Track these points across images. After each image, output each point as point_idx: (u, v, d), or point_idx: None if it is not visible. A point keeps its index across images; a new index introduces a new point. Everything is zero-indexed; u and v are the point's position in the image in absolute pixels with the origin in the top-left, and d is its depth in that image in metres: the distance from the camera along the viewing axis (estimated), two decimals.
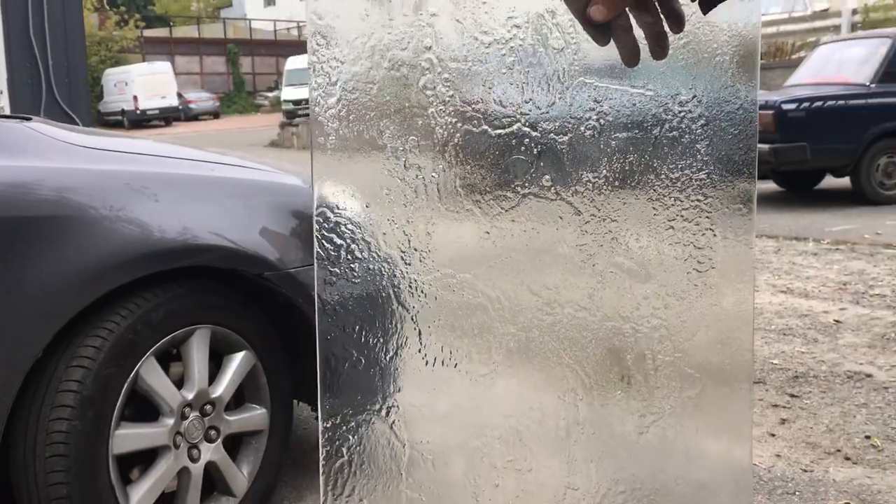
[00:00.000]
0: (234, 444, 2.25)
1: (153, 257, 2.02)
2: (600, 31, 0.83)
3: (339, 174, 0.86)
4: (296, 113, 25.21)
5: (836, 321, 4.31)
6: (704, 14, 0.87)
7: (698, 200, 1.00)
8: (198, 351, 2.11)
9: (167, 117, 33.72)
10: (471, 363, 0.93)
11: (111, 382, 1.92)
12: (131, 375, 1.96)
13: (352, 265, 0.87)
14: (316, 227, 0.86)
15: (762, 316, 4.51)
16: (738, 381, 1.07)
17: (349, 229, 0.87)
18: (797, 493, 2.50)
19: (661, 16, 0.86)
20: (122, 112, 32.70)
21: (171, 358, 2.12)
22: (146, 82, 33.24)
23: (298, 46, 42.41)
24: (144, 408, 2.04)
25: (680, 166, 0.99)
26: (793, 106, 8.24)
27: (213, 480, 2.19)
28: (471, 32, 0.90)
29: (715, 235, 1.01)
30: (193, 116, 36.16)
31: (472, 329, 0.93)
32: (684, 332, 1.03)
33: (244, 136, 24.46)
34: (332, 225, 0.87)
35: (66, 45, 8.34)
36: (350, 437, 0.89)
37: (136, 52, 38.62)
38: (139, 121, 31.68)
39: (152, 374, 2.01)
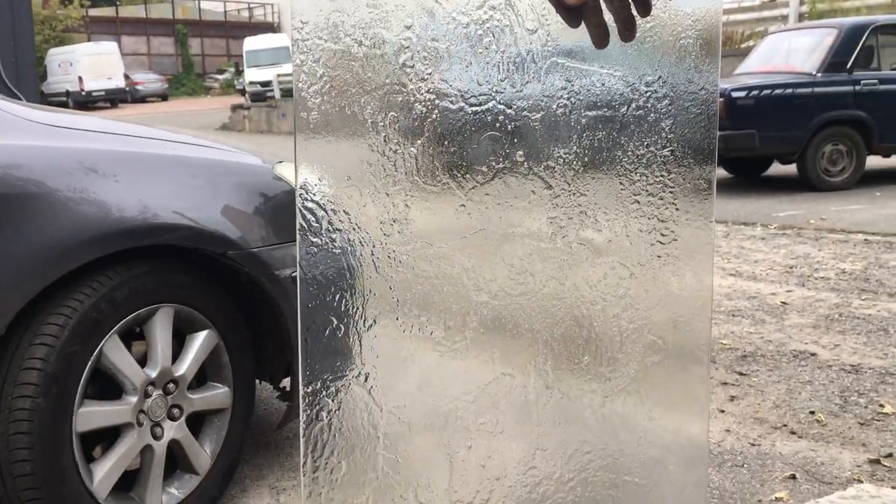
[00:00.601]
0: (197, 423, 2.26)
1: (115, 236, 2.01)
2: (572, 15, 0.87)
3: (321, 149, 0.89)
4: (263, 95, 24.88)
5: (783, 303, 4.45)
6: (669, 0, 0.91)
7: (662, 176, 1.05)
8: (161, 329, 2.12)
9: (113, 99, 33.06)
10: (446, 331, 0.97)
11: (75, 360, 1.91)
12: (95, 353, 1.96)
13: (332, 236, 0.90)
14: (298, 199, 0.89)
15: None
16: (697, 346, 1.13)
17: (330, 201, 0.90)
18: (745, 465, 2.60)
19: (629, 0, 0.90)
20: (67, 93, 31.93)
21: (134, 336, 2.12)
22: (92, 63, 32.51)
23: (250, 28, 41.85)
24: (108, 386, 2.04)
25: (645, 143, 1.04)
26: (742, 94, 8.42)
27: (177, 458, 2.20)
28: (449, 13, 0.93)
29: (678, 209, 1.07)
30: (141, 98, 35.51)
31: (448, 298, 0.97)
32: (648, 301, 1.08)
33: (194, 119, 24.10)
34: (313, 197, 0.90)
35: (13, 25, 8.15)
36: (329, 401, 0.92)
37: (80, 32, 37.70)
38: (84, 102, 30.96)
39: (116, 353, 2.01)
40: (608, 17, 0.90)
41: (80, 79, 32.22)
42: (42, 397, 1.86)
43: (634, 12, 0.90)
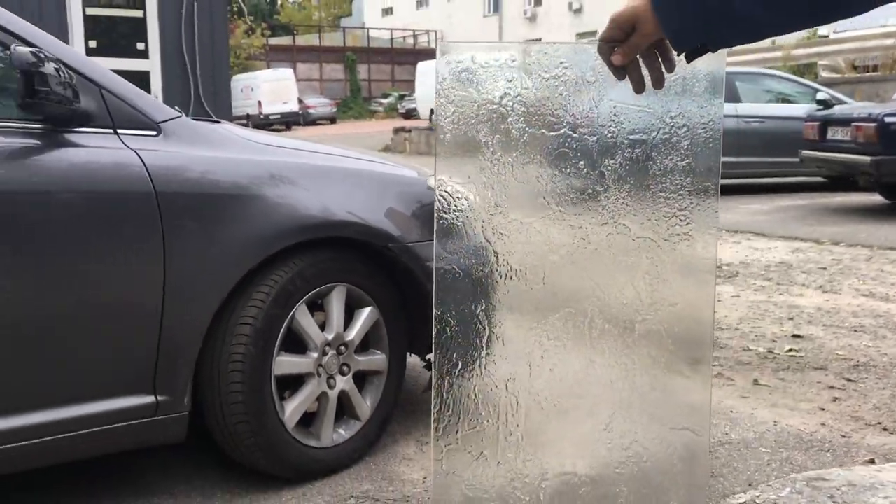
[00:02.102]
0: (361, 381, 2.85)
1: (305, 229, 2.63)
2: (619, 70, 1.36)
3: (450, 158, 1.42)
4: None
5: None
6: (688, 62, 1.38)
7: (681, 178, 1.50)
8: (336, 303, 2.72)
9: (288, 122, 35.25)
10: (530, 281, 1.46)
11: (275, 320, 2.54)
12: (289, 317, 2.58)
13: (456, 214, 1.42)
14: (437, 189, 1.42)
15: (838, 314, 4.83)
16: (704, 299, 1.56)
17: (456, 191, 1.42)
18: (831, 451, 2.90)
19: (660, 61, 1.38)
20: (247, 116, 34.33)
21: (316, 308, 2.73)
22: (270, 88, 34.91)
23: (414, 54, 43.55)
24: (296, 343, 2.66)
25: (670, 157, 1.49)
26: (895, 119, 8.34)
27: (344, 406, 2.79)
28: (537, 71, 1.43)
29: (692, 202, 1.51)
30: (312, 121, 37.71)
31: (533, 258, 1.46)
32: (670, 266, 1.53)
33: (359, 140, 25.48)
34: (445, 188, 1.42)
35: (213, 56, 9.35)
36: (455, 387, 1.43)
37: (261, 60, 40.63)
38: (262, 125, 33.19)
39: (304, 318, 2.63)
40: (645, 72, 1.38)
41: (260, 103, 34.65)
42: (252, 346, 2.49)
43: (663, 69, 1.38)
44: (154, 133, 2.43)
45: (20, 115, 2.23)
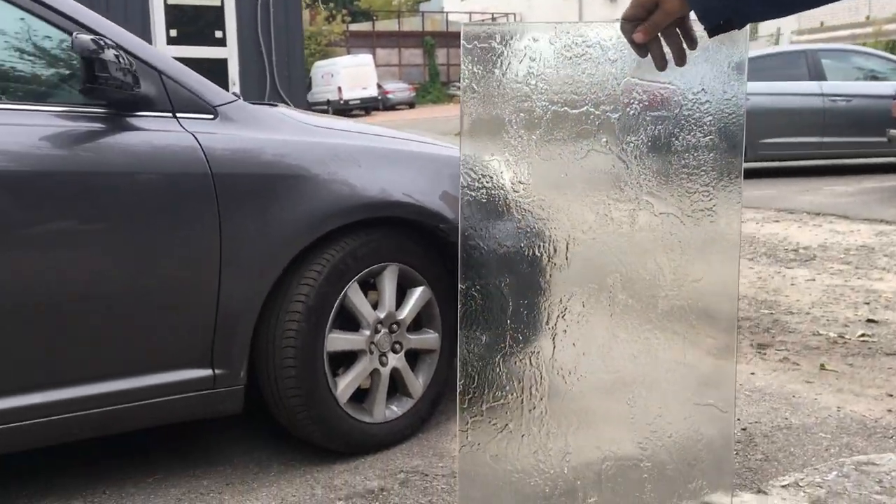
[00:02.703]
0: (413, 359, 2.90)
1: (359, 209, 2.68)
2: (641, 48, 1.36)
3: (476, 136, 1.44)
4: None
5: None
6: (710, 38, 1.37)
7: (705, 154, 1.49)
8: (389, 282, 2.77)
9: (367, 107, 35.65)
10: (553, 255, 1.48)
11: (327, 298, 2.61)
12: (341, 295, 2.64)
13: (481, 191, 1.45)
14: (462, 166, 1.45)
15: None
16: (728, 277, 1.55)
17: (481, 167, 1.45)
18: (893, 438, 2.82)
19: (682, 38, 1.37)
20: (328, 102, 34.89)
21: (368, 287, 2.80)
22: (350, 74, 35.33)
23: None
24: (349, 321, 2.72)
25: (693, 133, 1.48)
26: None
27: (397, 384, 2.85)
28: (559, 50, 1.44)
29: (714, 178, 1.49)
30: (391, 106, 38.01)
31: (554, 234, 1.48)
32: (693, 241, 1.51)
33: (435, 125, 25.55)
34: (472, 165, 1.45)
35: (287, 43, 9.55)
36: (480, 361, 1.46)
37: (341, 46, 41.13)
38: (343, 110, 33.69)
39: (356, 296, 2.69)
40: (667, 49, 1.38)
41: (340, 88, 35.13)
42: (304, 322, 2.57)
43: (685, 47, 1.37)
44: (211, 116, 2.52)
45: (85, 100, 2.35)
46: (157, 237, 2.35)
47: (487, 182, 1.43)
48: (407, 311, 2.82)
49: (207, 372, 2.47)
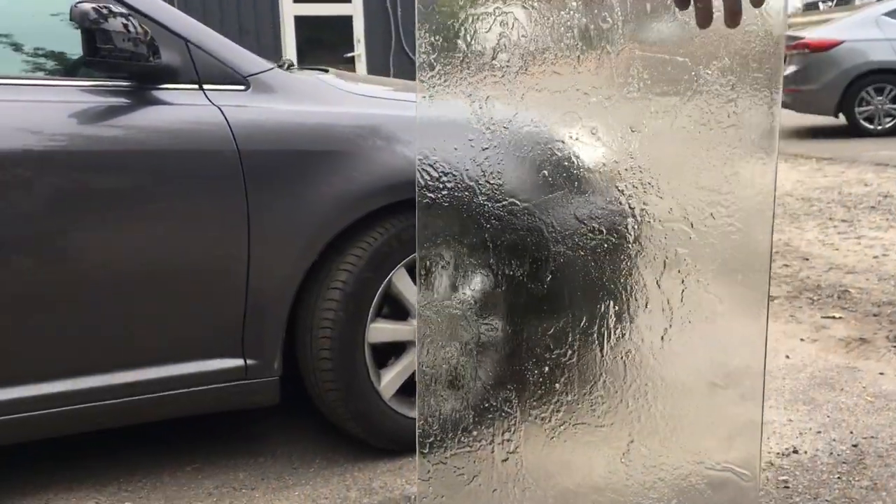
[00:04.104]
0: None
1: (405, 186, 2.42)
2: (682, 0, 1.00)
3: (436, 124, 1.15)
4: None
5: None
6: (756, 7, 0.99)
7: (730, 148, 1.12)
8: None
9: None
10: (529, 271, 1.17)
11: (369, 284, 2.39)
12: (385, 281, 2.41)
13: (443, 192, 1.16)
14: (418, 163, 1.16)
15: None
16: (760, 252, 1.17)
17: (441, 165, 1.16)
18: None
19: None
20: None
21: None
22: None
23: None
24: (398, 310, 2.49)
25: (715, 103, 1.10)
26: None
27: None
28: (537, 19, 1.12)
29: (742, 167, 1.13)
30: None
31: (530, 248, 1.17)
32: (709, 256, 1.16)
33: None
34: (430, 162, 1.16)
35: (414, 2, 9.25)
36: (434, 326, 1.19)
37: None
38: None
39: (403, 282, 2.45)
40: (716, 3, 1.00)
41: None
42: (342, 311, 2.36)
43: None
44: (242, 87, 2.33)
45: (107, 74, 2.21)
46: (176, 221, 2.20)
47: (449, 182, 1.14)
48: None
49: (238, 362, 2.32)
